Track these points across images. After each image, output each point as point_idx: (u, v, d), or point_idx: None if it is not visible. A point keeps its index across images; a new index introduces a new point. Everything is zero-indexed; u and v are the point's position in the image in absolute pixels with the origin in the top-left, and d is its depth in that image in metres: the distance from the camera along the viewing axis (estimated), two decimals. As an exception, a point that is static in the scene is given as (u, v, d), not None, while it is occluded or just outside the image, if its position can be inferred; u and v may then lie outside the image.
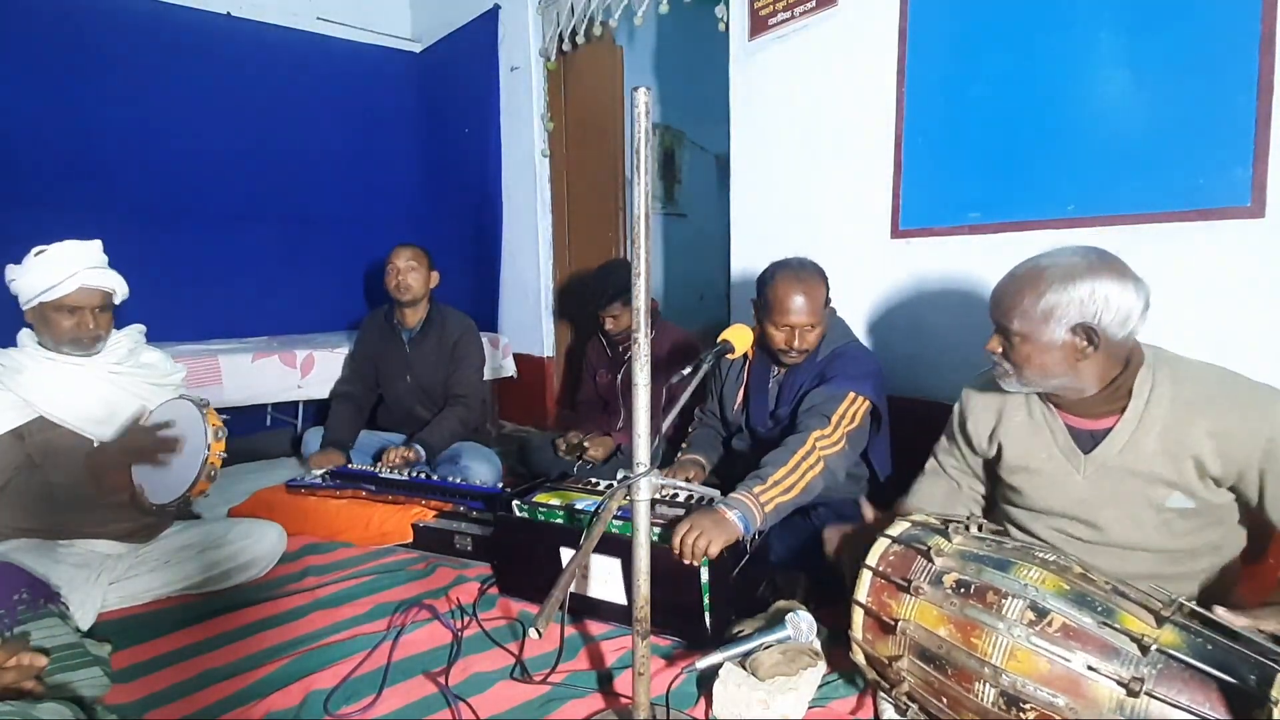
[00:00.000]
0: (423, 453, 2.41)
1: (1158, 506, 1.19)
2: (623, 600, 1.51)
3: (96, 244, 1.69)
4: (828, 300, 1.78)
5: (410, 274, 2.56)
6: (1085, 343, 1.15)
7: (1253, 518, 1.21)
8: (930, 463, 1.55)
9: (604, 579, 1.53)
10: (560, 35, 3.23)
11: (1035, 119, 1.76)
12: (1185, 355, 1.23)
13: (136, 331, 1.82)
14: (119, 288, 1.70)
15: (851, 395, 1.67)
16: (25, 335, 1.68)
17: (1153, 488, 1.18)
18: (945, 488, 1.50)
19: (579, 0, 3.06)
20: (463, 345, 2.66)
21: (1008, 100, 1.81)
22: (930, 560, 1.08)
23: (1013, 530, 1.40)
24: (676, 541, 1.38)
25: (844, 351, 1.77)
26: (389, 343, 2.70)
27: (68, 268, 1.60)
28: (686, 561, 1.36)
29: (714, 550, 1.36)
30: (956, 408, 1.47)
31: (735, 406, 1.95)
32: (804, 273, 1.74)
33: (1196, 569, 1.23)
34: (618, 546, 1.47)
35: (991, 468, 1.43)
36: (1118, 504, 1.22)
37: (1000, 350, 1.25)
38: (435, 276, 2.66)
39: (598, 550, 1.48)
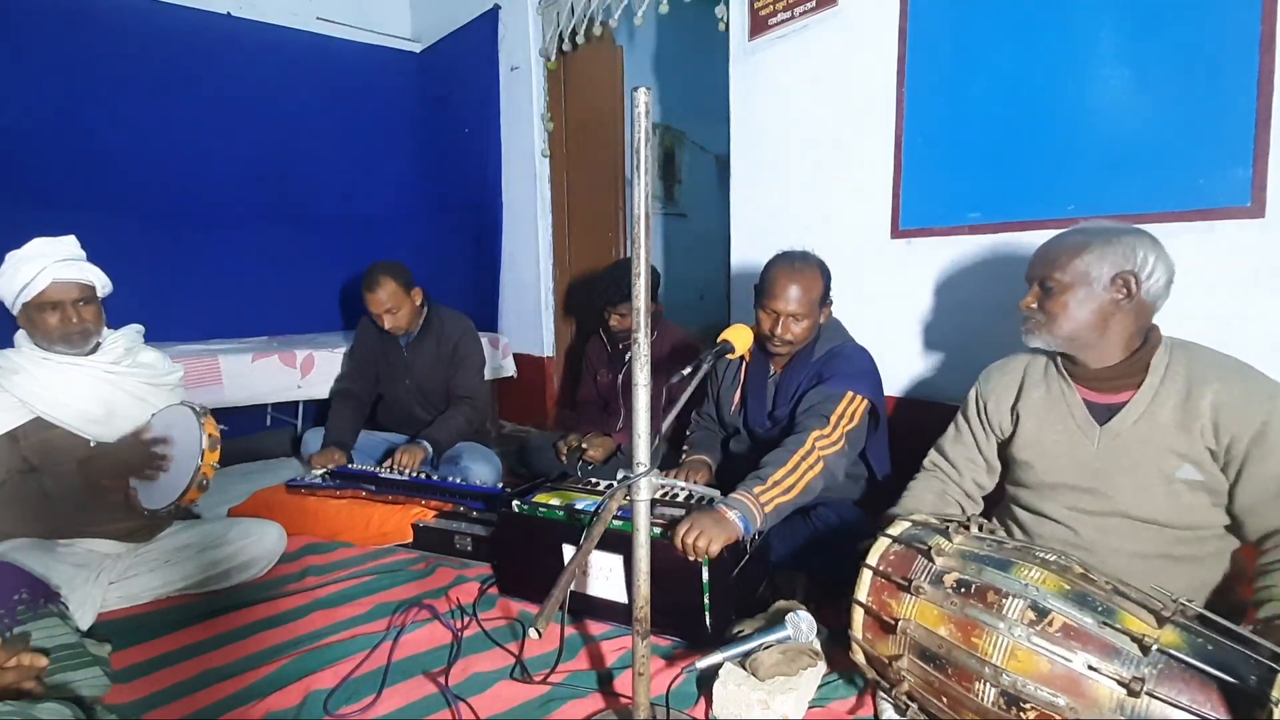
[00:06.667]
0: (429, 449, 2.40)
1: (1167, 477, 1.22)
2: (623, 598, 1.51)
3: (69, 239, 1.68)
4: (825, 297, 1.78)
5: (395, 315, 2.48)
6: (1123, 293, 1.21)
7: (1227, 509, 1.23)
8: (929, 459, 1.56)
9: (604, 577, 1.53)
10: (560, 35, 3.23)
11: (1035, 119, 1.76)
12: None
13: (134, 331, 1.82)
14: (97, 280, 1.69)
15: (850, 395, 1.67)
16: (21, 336, 1.68)
17: (1165, 458, 1.21)
18: (937, 488, 1.51)
19: (579, 0, 3.06)
20: (462, 347, 2.64)
21: (1008, 100, 1.81)
22: (931, 560, 1.08)
23: (1019, 513, 1.41)
24: (678, 542, 1.38)
25: (839, 351, 1.77)
26: (387, 346, 2.69)
27: (37, 264, 1.60)
28: (689, 557, 1.36)
29: (714, 549, 1.36)
30: (973, 392, 1.49)
31: (732, 408, 1.95)
32: (801, 263, 1.75)
33: (1205, 552, 1.24)
34: (619, 542, 1.47)
35: (1004, 450, 1.45)
36: (1129, 472, 1.25)
37: (1035, 304, 1.30)
38: (418, 293, 2.56)
39: (599, 546, 1.48)
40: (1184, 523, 1.23)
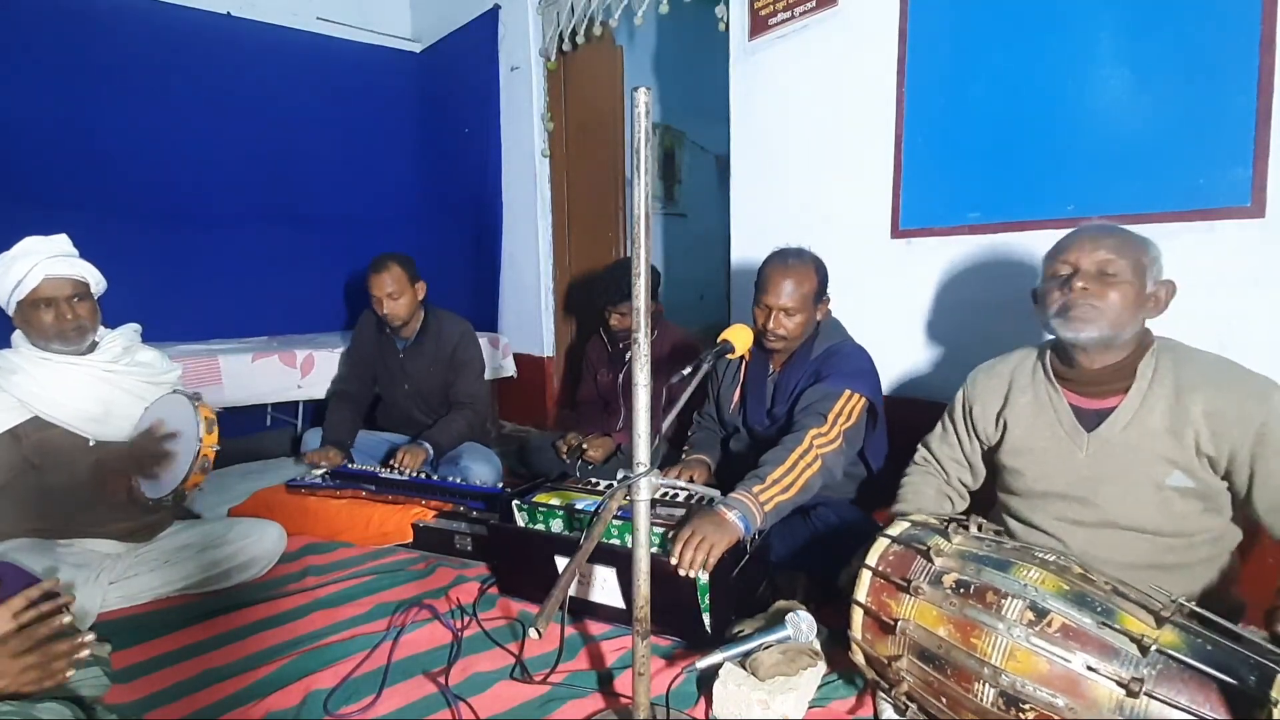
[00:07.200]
0: (430, 450, 2.40)
1: (1158, 484, 1.21)
2: (621, 605, 1.51)
3: (60, 236, 1.68)
4: (821, 293, 1.78)
5: (395, 301, 2.49)
6: (1156, 300, 1.22)
7: (1243, 513, 1.22)
8: (919, 454, 1.56)
9: (602, 585, 1.53)
10: (560, 35, 3.23)
11: (1035, 119, 1.76)
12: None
13: (131, 330, 1.82)
14: (90, 276, 1.69)
15: (847, 393, 1.67)
16: (19, 336, 1.68)
17: (1155, 465, 1.20)
18: (935, 484, 1.51)
19: (579, 0, 3.06)
20: (461, 351, 2.62)
21: (1008, 100, 1.81)
22: (930, 560, 1.08)
23: (1010, 523, 1.41)
24: (678, 548, 1.36)
25: (838, 350, 1.78)
26: (385, 350, 2.68)
27: (29, 260, 1.60)
28: (683, 573, 1.34)
29: (715, 556, 1.35)
30: (960, 394, 1.48)
31: (732, 407, 1.95)
32: (795, 260, 1.76)
33: (1196, 559, 1.24)
34: (614, 557, 1.47)
35: (991, 455, 1.44)
36: (1118, 480, 1.24)
37: (1090, 289, 1.21)
38: (421, 287, 2.57)
39: (596, 560, 1.48)
40: (1174, 530, 1.22)
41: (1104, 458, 1.25)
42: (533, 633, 0.85)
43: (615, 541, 1.52)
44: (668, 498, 1.69)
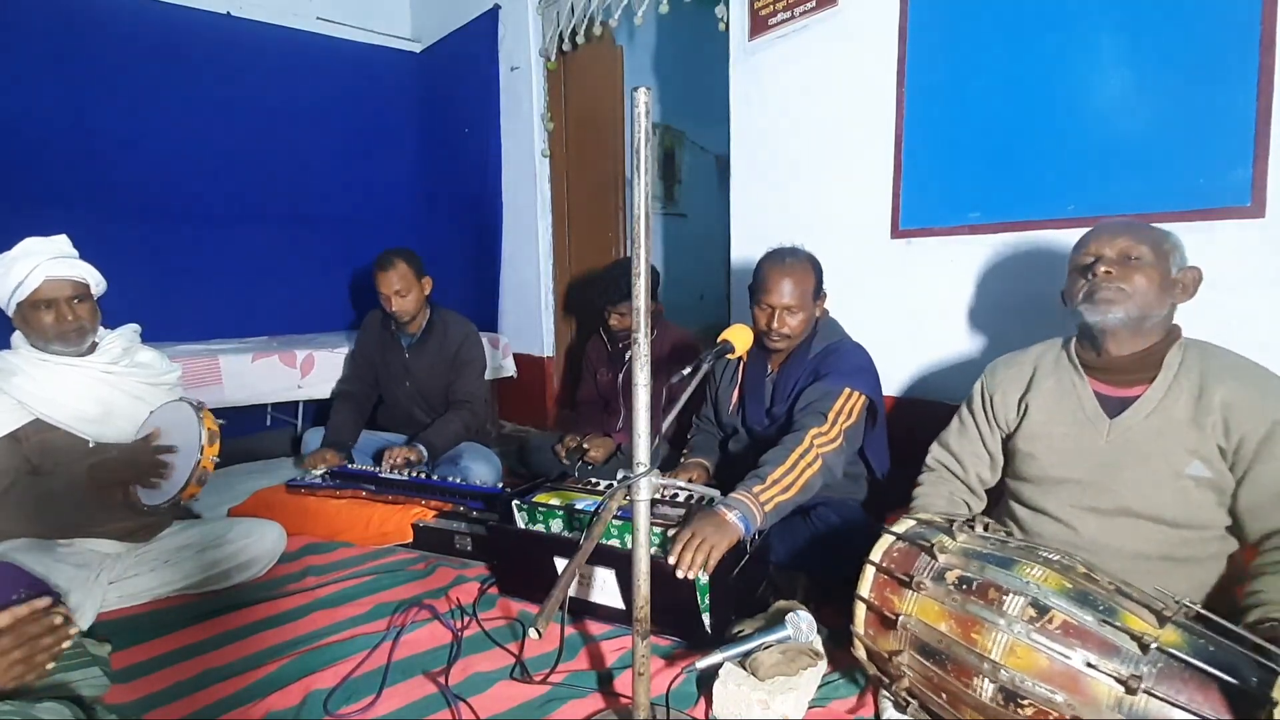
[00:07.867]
0: (425, 452, 2.40)
1: (1177, 472, 1.21)
2: (621, 605, 1.51)
3: (60, 237, 1.68)
4: (818, 290, 1.79)
5: (403, 299, 2.50)
6: (1182, 287, 1.25)
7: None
8: (932, 456, 1.54)
9: (602, 586, 1.53)
10: (560, 35, 3.23)
11: (1035, 119, 1.77)
12: None
13: (131, 331, 1.82)
14: (91, 277, 1.69)
15: (847, 391, 1.67)
16: (18, 338, 1.68)
17: (1176, 453, 1.21)
18: (946, 492, 1.50)
19: (579, 0, 3.06)
20: (465, 351, 2.63)
21: (1008, 100, 1.81)
22: (933, 557, 1.09)
23: (1019, 510, 1.41)
24: (678, 549, 1.35)
25: (836, 348, 1.78)
26: (389, 348, 2.69)
27: (30, 261, 1.60)
28: (682, 574, 1.32)
29: (715, 558, 1.34)
30: (979, 386, 1.48)
31: (730, 408, 1.95)
32: (791, 258, 1.77)
33: (1206, 553, 1.24)
34: (613, 559, 1.47)
35: (1007, 441, 1.44)
36: (1137, 467, 1.24)
37: (1115, 273, 1.24)
38: (428, 282, 2.59)
39: (595, 562, 1.48)
40: (1188, 521, 1.22)
41: (1125, 444, 1.25)
42: (533, 633, 0.85)
43: (614, 542, 1.52)
44: (668, 498, 1.69)
